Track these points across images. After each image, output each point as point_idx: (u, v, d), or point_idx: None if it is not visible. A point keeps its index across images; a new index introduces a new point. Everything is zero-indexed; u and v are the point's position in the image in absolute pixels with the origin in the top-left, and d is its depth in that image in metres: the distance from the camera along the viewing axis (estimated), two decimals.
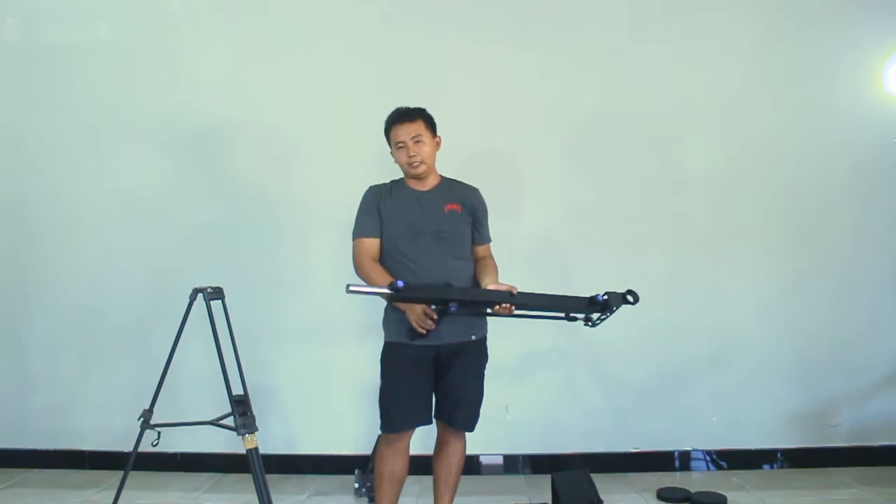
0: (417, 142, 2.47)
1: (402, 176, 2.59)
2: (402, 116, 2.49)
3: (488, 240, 2.66)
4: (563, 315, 2.46)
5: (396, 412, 2.49)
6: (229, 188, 3.51)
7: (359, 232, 2.53)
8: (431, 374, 2.52)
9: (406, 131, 2.47)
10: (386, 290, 2.19)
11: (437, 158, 2.58)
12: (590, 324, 2.47)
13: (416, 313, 2.33)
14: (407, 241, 2.46)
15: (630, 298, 2.42)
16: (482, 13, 3.42)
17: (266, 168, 3.50)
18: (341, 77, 3.44)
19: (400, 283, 2.17)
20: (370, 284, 2.38)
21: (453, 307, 2.23)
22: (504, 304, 2.32)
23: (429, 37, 3.43)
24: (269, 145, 3.48)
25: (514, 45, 3.42)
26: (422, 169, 2.50)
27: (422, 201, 2.52)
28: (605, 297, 2.40)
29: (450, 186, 2.60)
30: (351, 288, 2.15)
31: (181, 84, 3.51)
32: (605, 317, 2.45)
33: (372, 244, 2.50)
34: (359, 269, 2.50)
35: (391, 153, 2.55)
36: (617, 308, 2.43)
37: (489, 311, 2.36)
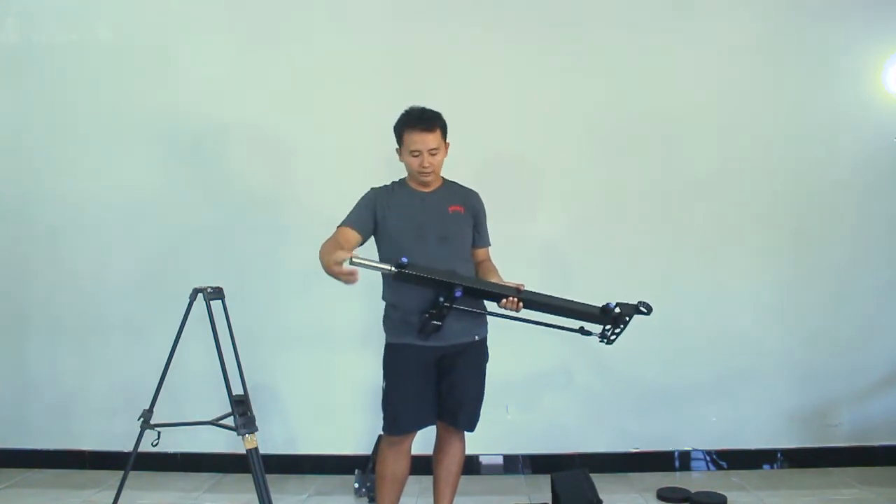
0: (433, 154, 2.43)
1: (402, 176, 2.57)
2: (422, 123, 2.40)
3: (488, 243, 2.65)
4: (577, 329, 2.45)
5: (401, 415, 2.48)
6: (229, 188, 3.50)
7: (344, 221, 2.48)
8: (435, 375, 2.51)
9: (424, 141, 2.40)
10: (389, 267, 2.17)
11: (446, 161, 2.56)
12: (605, 340, 2.46)
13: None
14: (412, 242, 2.43)
15: (643, 309, 2.39)
16: (485, 15, 3.42)
17: (266, 168, 3.49)
18: (343, 77, 3.43)
19: (404, 260, 2.15)
20: (320, 252, 2.33)
21: (458, 293, 2.22)
22: (511, 298, 2.32)
23: (434, 36, 3.43)
24: (269, 145, 3.48)
25: (518, 48, 3.42)
26: (431, 178, 2.49)
27: (425, 202, 2.51)
28: (618, 308, 2.37)
29: (450, 188, 2.59)
30: (354, 260, 2.13)
31: (181, 84, 3.51)
32: (619, 330, 2.43)
33: (349, 234, 2.43)
34: (321, 246, 2.39)
35: (397, 150, 2.50)
36: (630, 319, 2.41)
37: (497, 305, 2.36)
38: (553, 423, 3.47)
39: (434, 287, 2.27)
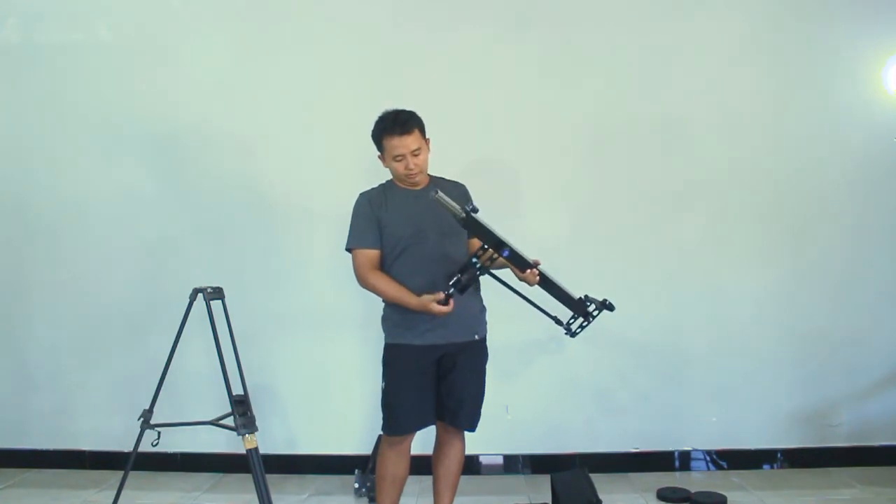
0: (416, 154, 2.42)
1: (389, 178, 2.55)
2: (399, 127, 2.38)
3: None
4: (552, 316, 2.47)
5: (402, 415, 2.48)
6: (229, 188, 3.50)
7: (357, 242, 2.47)
8: (435, 375, 2.51)
9: (405, 144, 2.39)
10: (461, 209, 2.19)
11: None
12: (569, 333, 2.48)
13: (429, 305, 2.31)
14: (414, 240, 2.44)
15: (609, 307, 2.43)
16: (482, 14, 3.42)
17: (266, 167, 3.49)
18: (339, 77, 3.43)
19: (476, 207, 2.18)
20: (383, 296, 2.46)
21: (506, 252, 2.28)
22: (534, 270, 2.36)
23: (431, 37, 3.43)
24: (268, 145, 3.48)
25: (515, 46, 3.41)
26: (419, 178, 2.48)
27: (420, 200, 2.49)
28: (591, 304, 2.43)
29: (439, 184, 2.55)
30: (435, 196, 2.17)
31: (180, 84, 3.50)
32: (586, 324, 2.47)
33: (373, 255, 2.46)
34: (363, 281, 2.47)
35: (379, 157, 2.49)
36: (598, 315, 2.45)
37: (518, 276, 2.40)
38: (553, 423, 3.47)
39: (488, 240, 2.27)
